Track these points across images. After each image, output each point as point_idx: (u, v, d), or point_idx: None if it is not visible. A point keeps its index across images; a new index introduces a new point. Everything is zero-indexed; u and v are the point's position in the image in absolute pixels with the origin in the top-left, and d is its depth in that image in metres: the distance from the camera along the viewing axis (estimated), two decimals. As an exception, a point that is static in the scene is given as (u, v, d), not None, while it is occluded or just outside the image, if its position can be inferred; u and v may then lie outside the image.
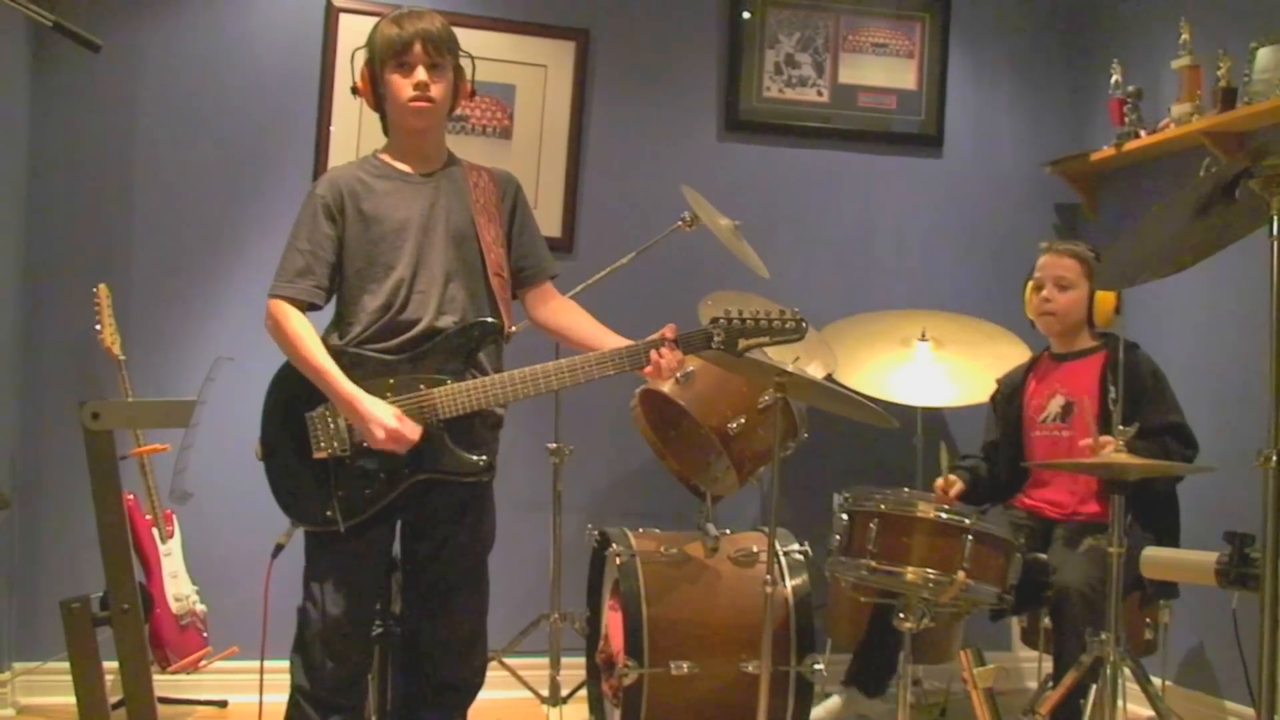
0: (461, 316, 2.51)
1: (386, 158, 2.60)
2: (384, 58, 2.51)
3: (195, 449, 3.67)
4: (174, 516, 3.59)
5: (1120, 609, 2.75)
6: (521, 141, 4.06)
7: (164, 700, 3.54)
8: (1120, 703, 2.87)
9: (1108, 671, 2.72)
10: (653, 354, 2.45)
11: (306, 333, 2.47)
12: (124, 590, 2.13)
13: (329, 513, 2.45)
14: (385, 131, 2.63)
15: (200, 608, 3.59)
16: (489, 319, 2.53)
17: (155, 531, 3.51)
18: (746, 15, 4.24)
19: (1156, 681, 3.20)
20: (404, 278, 2.49)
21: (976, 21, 4.45)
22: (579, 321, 2.66)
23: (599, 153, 4.15)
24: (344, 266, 2.54)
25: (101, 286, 3.52)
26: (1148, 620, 3.22)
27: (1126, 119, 3.98)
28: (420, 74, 2.48)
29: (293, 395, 2.49)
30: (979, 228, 4.45)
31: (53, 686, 3.60)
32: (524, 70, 4.05)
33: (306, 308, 2.51)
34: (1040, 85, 4.51)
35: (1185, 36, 3.74)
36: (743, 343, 2.51)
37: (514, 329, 3.15)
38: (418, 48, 2.48)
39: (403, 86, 2.49)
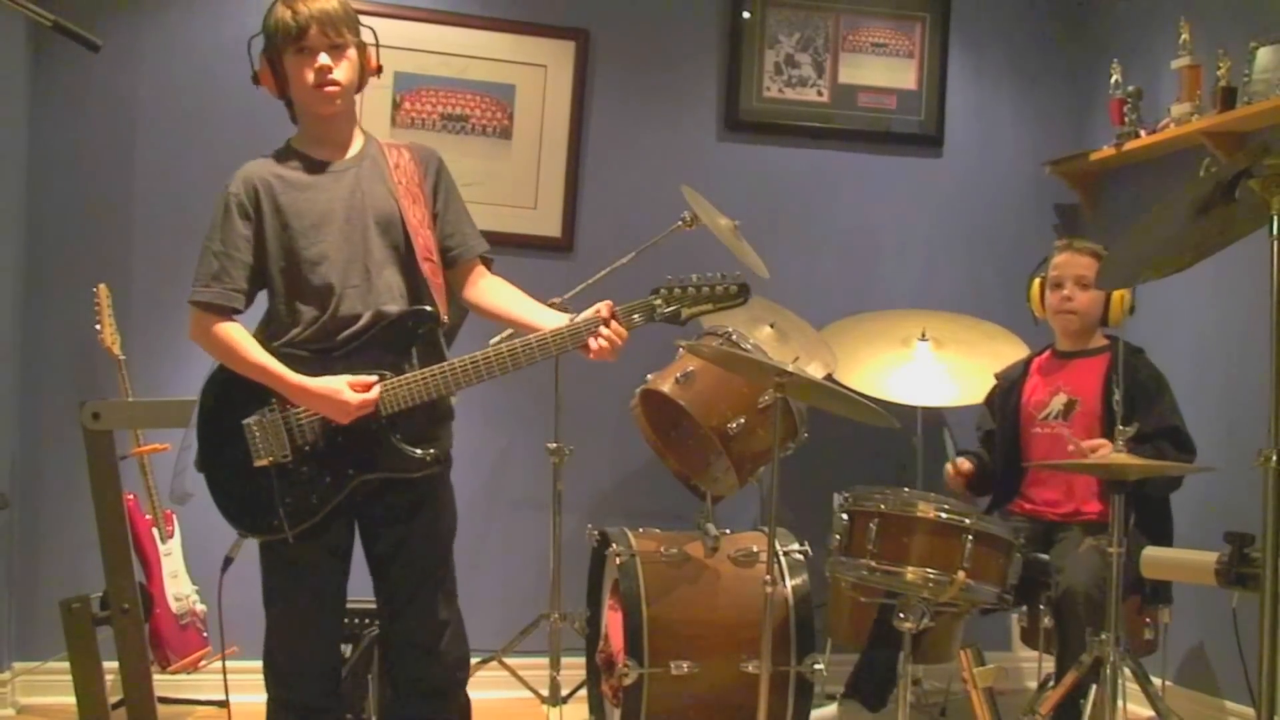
0: (402, 306, 2.41)
1: (300, 147, 2.50)
2: (281, 44, 2.39)
3: (195, 449, 3.68)
4: (174, 516, 3.59)
5: (1120, 609, 2.75)
6: (521, 141, 4.06)
7: (164, 700, 3.53)
8: (1120, 703, 2.87)
9: (1108, 671, 2.73)
10: (602, 330, 2.35)
11: (237, 333, 2.38)
12: (124, 590, 2.14)
13: (275, 522, 2.37)
14: (293, 120, 2.53)
15: (200, 608, 3.59)
16: (425, 308, 2.42)
17: (155, 531, 3.51)
18: (746, 15, 4.24)
19: (1156, 681, 3.20)
20: (334, 273, 2.39)
21: (976, 21, 4.45)
22: (511, 301, 2.51)
23: (599, 153, 4.15)
24: (268, 266, 2.42)
25: (101, 286, 3.52)
26: (1148, 620, 3.22)
27: (1126, 119, 3.98)
28: (322, 59, 2.37)
29: (226, 403, 2.40)
30: (979, 227, 4.45)
31: (53, 686, 3.60)
32: (524, 70, 4.05)
33: (229, 313, 2.39)
34: (1040, 85, 4.51)
35: (1185, 36, 3.74)
36: (686, 311, 2.41)
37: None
38: (314, 31, 2.36)
39: (304, 73, 2.37)
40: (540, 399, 3.68)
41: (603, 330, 2.36)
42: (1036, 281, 3.49)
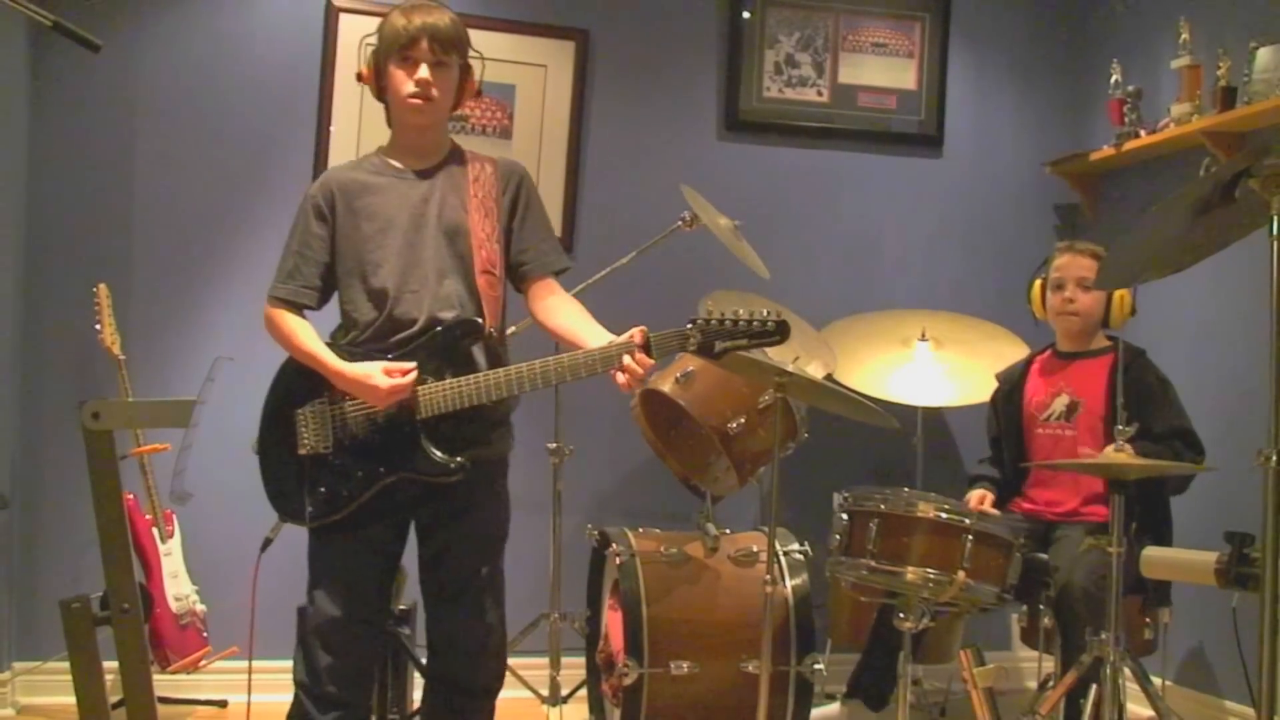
0: (459, 314, 2.47)
1: (385, 154, 2.58)
2: (388, 50, 2.47)
3: (195, 449, 3.69)
4: (174, 516, 3.60)
5: (1120, 609, 2.75)
6: (521, 141, 4.06)
7: (164, 700, 3.54)
8: (1120, 703, 2.87)
9: (1108, 671, 2.73)
10: (625, 360, 2.33)
11: (298, 326, 2.49)
12: (124, 590, 2.13)
13: (305, 509, 2.44)
14: (388, 123, 2.60)
15: (200, 608, 3.59)
16: (475, 318, 2.47)
17: (155, 531, 3.51)
18: (746, 15, 4.24)
19: (1156, 681, 3.20)
20: (393, 277, 2.46)
21: (976, 21, 4.45)
22: (570, 320, 2.52)
23: (599, 153, 4.15)
24: (337, 266, 2.52)
25: (101, 286, 3.52)
26: (1148, 620, 3.22)
27: (1126, 119, 3.98)
28: (423, 71, 2.44)
29: (288, 393, 2.50)
30: (979, 228, 4.45)
31: (53, 686, 3.60)
32: (524, 70, 4.05)
33: (300, 309, 2.51)
34: (1040, 85, 4.51)
35: (1185, 36, 3.75)
36: (719, 345, 2.37)
37: (512, 330, 3.14)
38: (424, 44, 2.44)
39: (404, 82, 2.46)
40: (540, 399, 3.67)
41: (626, 361, 2.33)
42: (1037, 283, 3.50)
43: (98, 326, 3.48)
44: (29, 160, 3.73)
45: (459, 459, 2.42)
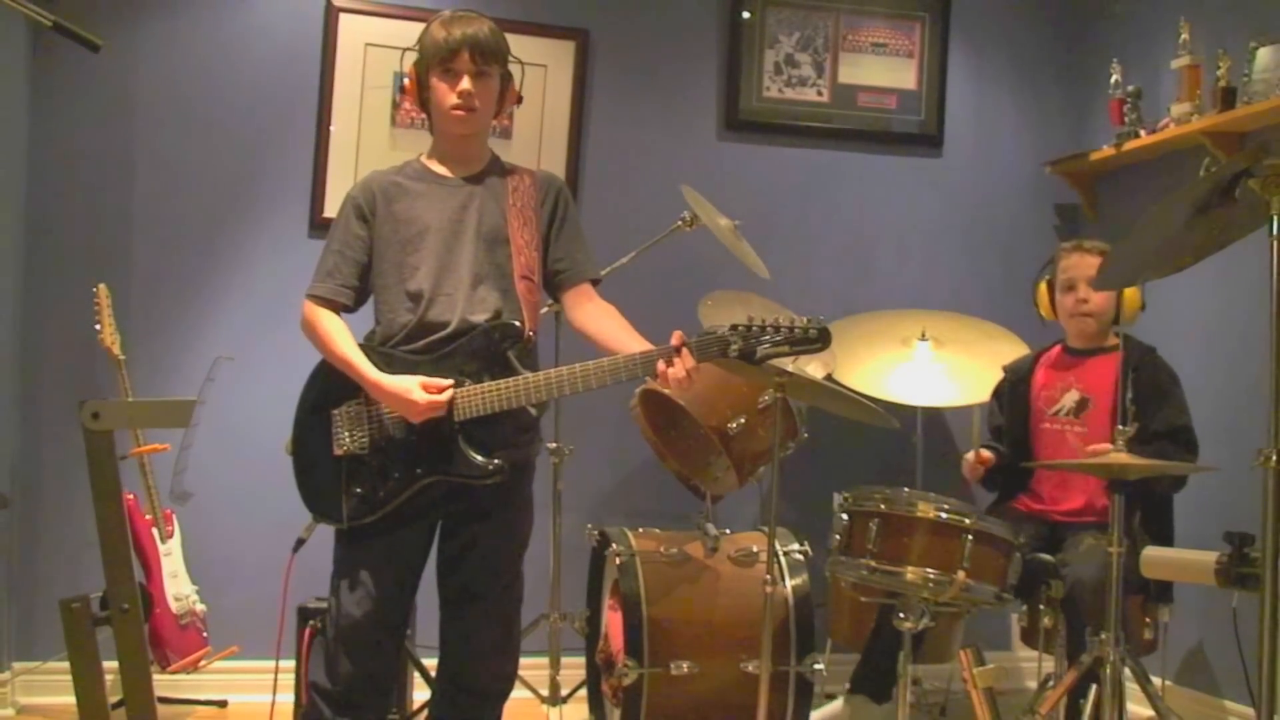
0: (492, 318, 2.49)
1: (426, 160, 2.61)
2: (430, 62, 2.50)
3: (196, 449, 3.69)
4: (174, 516, 3.60)
5: (1121, 608, 2.75)
6: (521, 141, 4.06)
7: (164, 700, 3.54)
8: (1120, 703, 2.87)
9: (1108, 671, 2.73)
10: (660, 364, 2.36)
11: (334, 327, 2.51)
12: (124, 590, 2.14)
13: (340, 510, 2.46)
14: (431, 130, 2.63)
15: (200, 608, 3.59)
16: (513, 322, 2.49)
17: (155, 531, 3.51)
18: (746, 15, 4.24)
19: (1156, 681, 3.20)
20: (428, 280, 2.49)
21: (976, 21, 4.45)
22: (609, 327, 2.56)
23: (599, 153, 4.15)
24: (374, 268, 2.55)
25: (101, 286, 3.52)
26: (1148, 620, 3.22)
27: (1126, 119, 3.98)
28: (465, 83, 2.47)
29: (323, 393, 2.52)
30: (979, 227, 4.45)
31: (53, 686, 3.60)
32: (524, 70, 4.04)
33: (338, 308, 2.54)
34: (1040, 85, 4.51)
35: (1185, 36, 3.75)
36: (761, 351, 2.38)
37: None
38: (465, 55, 2.47)
39: (446, 93, 2.49)
40: (540, 399, 3.68)
41: (672, 371, 2.35)
42: (1042, 285, 3.49)
43: (98, 326, 3.48)
44: (29, 160, 3.73)
45: (496, 461, 2.45)
